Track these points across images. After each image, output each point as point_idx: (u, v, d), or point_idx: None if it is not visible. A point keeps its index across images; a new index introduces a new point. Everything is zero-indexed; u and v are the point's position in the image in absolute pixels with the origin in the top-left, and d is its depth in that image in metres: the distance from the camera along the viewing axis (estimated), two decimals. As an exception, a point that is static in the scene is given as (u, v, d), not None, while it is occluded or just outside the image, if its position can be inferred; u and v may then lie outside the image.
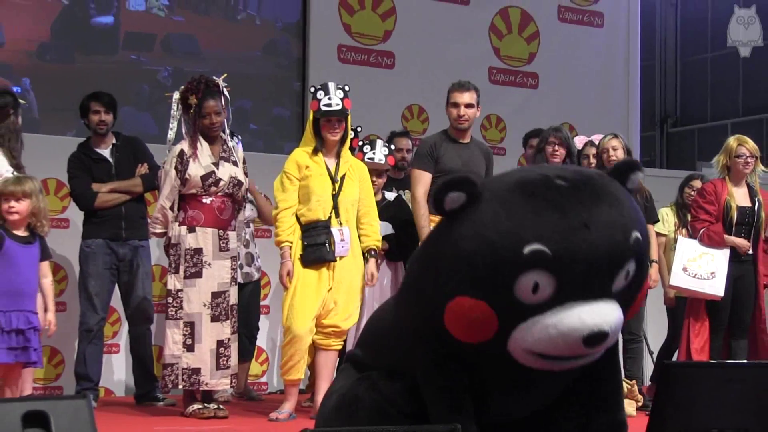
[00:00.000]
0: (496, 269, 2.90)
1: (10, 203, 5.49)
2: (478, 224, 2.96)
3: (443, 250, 3.06)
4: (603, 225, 2.91)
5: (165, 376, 6.24)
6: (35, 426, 2.74)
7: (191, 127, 6.29)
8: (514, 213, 2.93)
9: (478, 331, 2.99)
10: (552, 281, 2.88)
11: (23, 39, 8.58)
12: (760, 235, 7.32)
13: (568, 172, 3.08)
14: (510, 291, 2.90)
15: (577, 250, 2.87)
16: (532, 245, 2.86)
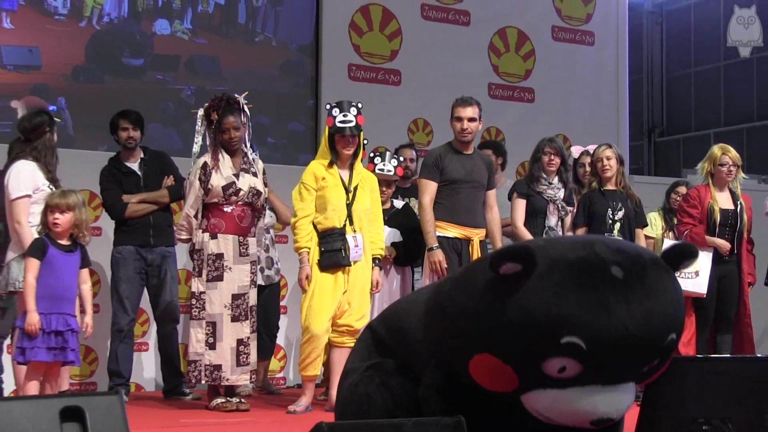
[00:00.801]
0: (531, 347, 2.84)
1: (55, 215, 5.49)
2: (526, 301, 2.84)
3: (487, 309, 2.92)
4: (643, 327, 2.81)
5: (189, 372, 6.26)
6: (72, 420, 2.74)
7: (213, 141, 6.30)
8: (562, 301, 2.81)
9: (498, 385, 2.96)
10: (579, 367, 2.83)
11: (59, 62, 8.59)
12: (743, 237, 7.32)
13: (626, 258, 2.90)
14: (538, 366, 2.85)
15: (611, 348, 2.81)
16: (570, 338, 2.78)
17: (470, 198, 6.64)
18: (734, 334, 7.28)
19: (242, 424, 5.65)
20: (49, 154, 6.06)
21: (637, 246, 3.04)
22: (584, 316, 2.77)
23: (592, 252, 2.87)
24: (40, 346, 5.43)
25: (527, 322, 2.81)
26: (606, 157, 7.11)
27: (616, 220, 7.06)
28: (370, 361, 3.44)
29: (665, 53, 22.04)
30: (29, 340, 5.44)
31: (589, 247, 2.91)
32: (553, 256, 2.89)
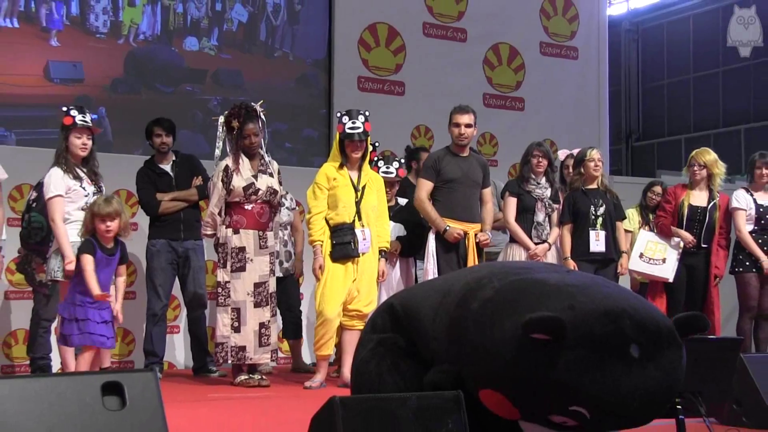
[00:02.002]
0: (542, 405, 2.82)
1: (107, 223, 5.49)
2: (549, 368, 2.75)
3: (510, 360, 2.83)
4: (645, 404, 2.78)
5: (217, 353, 6.27)
6: (112, 394, 2.75)
7: (234, 146, 6.30)
8: (581, 378, 2.73)
9: (501, 412, 2.94)
10: (577, 424, 2.82)
11: (100, 75, 8.60)
12: (713, 232, 7.31)
13: (647, 337, 2.79)
14: (543, 414, 2.85)
15: (612, 418, 2.79)
16: (580, 408, 2.75)
17: (466, 195, 6.65)
18: (702, 318, 7.28)
19: (264, 398, 5.65)
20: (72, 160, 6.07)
21: (659, 319, 2.89)
22: (596, 393, 2.72)
23: (618, 329, 2.77)
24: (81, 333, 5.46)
25: (544, 387, 2.77)
26: (597, 158, 7.18)
27: (598, 216, 7.08)
28: (384, 335, 3.43)
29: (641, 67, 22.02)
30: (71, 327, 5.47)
31: (616, 322, 2.79)
32: (582, 330, 2.77)
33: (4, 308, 7.52)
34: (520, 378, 2.79)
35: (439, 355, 3.18)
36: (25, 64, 8.34)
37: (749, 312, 7.57)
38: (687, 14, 21.16)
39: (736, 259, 7.61)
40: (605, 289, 2.98)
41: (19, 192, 7.46)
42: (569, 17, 10.86)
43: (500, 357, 2.83)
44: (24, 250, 6.82)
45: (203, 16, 9.17)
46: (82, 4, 8.57)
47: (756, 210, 7.53)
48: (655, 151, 21.00)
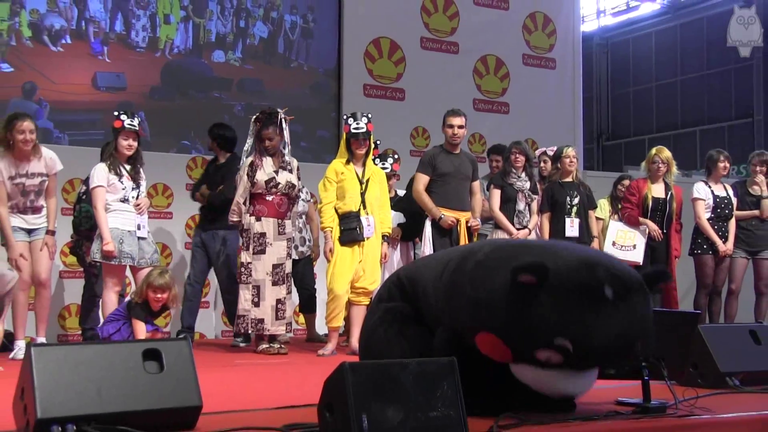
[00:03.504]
0: (530, 340, 2.86)
1: (158, 295, 5.46)
2: (535, 308, 2.82)
3: (502, 306, 2.90)
4: (620, 340, 2.84)
5: (238, 324, 6.25)
6: (152, 360, 2.76)
7: (256, 146, 6.30)
8: (563, 315, 2.80)
9: (495, 355, 2.97)
10: (562, 358, 2.85)
11: (140, 84, 8.60)
12: (672, 219, 7.35)
13: (619, 283, 2.88)
14: (531, 352, 2.88)
15: (591, 352, 2.84)
16: (562, 341, 2.80)
17: (458, 188, 6.65)
18: (662, 295, 7.30)
19: (282, 364, 5.66)
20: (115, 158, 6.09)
21: (629, 270, 3.00)
22: (577, 327, 2.78)
23: (593, 274, 2.85)
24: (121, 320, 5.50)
25: (532, 324, 2.83)
26: (573, 156, 7.22)
27: (573, 205, 7.10)
28: (389, 303, 3.44)
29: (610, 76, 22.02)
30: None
31: (593, 269, 2.88)
32: (562, 275, 2.85)
33: (59, 286, 7.54)
34: (511, 317, 2.85)
35: (440, 316, 3.20)
36: (76, 75, 8.34)
37: (705, 288, 7.61)
38: (650, 30, 21.15)
39: (695, 242, 7.65)
40: (584, 249, 3.23)
41: (71, 185, 7.48)
42: (548, 32, 10.83)
43: (493, 303, 2.90)
44: (76, 236, 6.85)
45: (229, 32, 9.15)
46: (124, 22, 8.57)
47: (713, 200, 7.58)
48: (623, 149, 21.00)
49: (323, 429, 2.54)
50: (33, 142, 5.82)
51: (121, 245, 5.92)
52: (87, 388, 2.58)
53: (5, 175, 5.79)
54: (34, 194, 5.89)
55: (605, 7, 22.03)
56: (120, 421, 2.57)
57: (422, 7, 10.04)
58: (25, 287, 5.89)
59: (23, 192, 5.84)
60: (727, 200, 7.62)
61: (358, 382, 2.49)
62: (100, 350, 2.76)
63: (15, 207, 5.84)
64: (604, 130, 21.98)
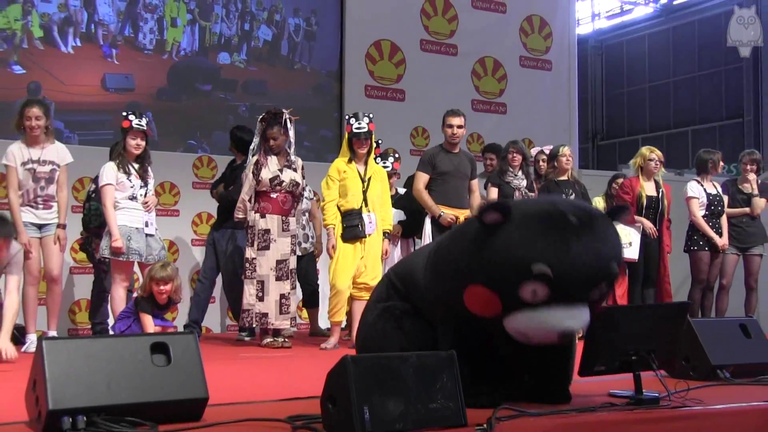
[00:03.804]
0: (511, 276, 2.87)
1: (160, 287, 5.49)
2: (507, 241, 2.89)
3: (476, 250, 2.97)
4: (594, 258, 2.88)
5: (243, 318, 6.26)
6: (159, 353, 2.76)
7: (261, 145, 6.30)
8: (533, 240, 2.87)
9: (486, 310, 2.97)
10: (546, 290, 2.85)
11: (148, 85, 8.60)
12: (664, 216, 7.36)
13: (580, 210, 3.00)
14: (516, 291, 2.87)
15: (570, 273, 2.84)
16: (539, 265, 2.82)
17: (457, 186, 6.66)
18: (656, 289, 7.31)
19: (286, 358, 5.67)
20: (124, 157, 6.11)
21: (588, 205, 3.18)
22: (550, 250, 2.84)
23: (555, 207, 2.97)
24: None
25: (507, 256, 2.88)
26: (569, 154, 7.22)
27: (568, 203, 7.10)
28: (386, 303, 3.46)
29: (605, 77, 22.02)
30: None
31: (553, 203, 3.04)
32: (525, 210, 2.99)
33: (69, 282, 7.56)
34: (486, 258, 2.91)
35: (432, 302, 3.25)
36: (86, 76, 8.33)
37: (700, 284, 7.63)
38: (643, 33, 21.16)
39: (690, 239, 7.66)
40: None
41: (80, 184, 7.49)
42: (544, 35, 10.82)
43: (468, 253, 2.99)
44: (85, 233, 6.85)
45: (234, 35, 9.15)
46: (133, 25, 8.57)
47: (706, 198, 7.60)
48: (617, 148, 21.00)
49: (326, 420, 2.55)
50: (40, 129, 5.89)
51: (129, 242, 5.93)
52: (97, 380, 2.59)
53: (18, 161, 5.86)
54: (45, 181, 5.91)
55: (600, 11, 22.04)
56: (129, 412, 2.57)
57: (422, 11, 10.04)
58: (34, 282, 5.90)
59: (34, 178, 5.88)
60: (719, 198, 7.66)
61: (360, 375, 2.50)
62: (110, 344, 2.77)
63: (26, 197, 5.86)
64: (599, 130, 21.99)
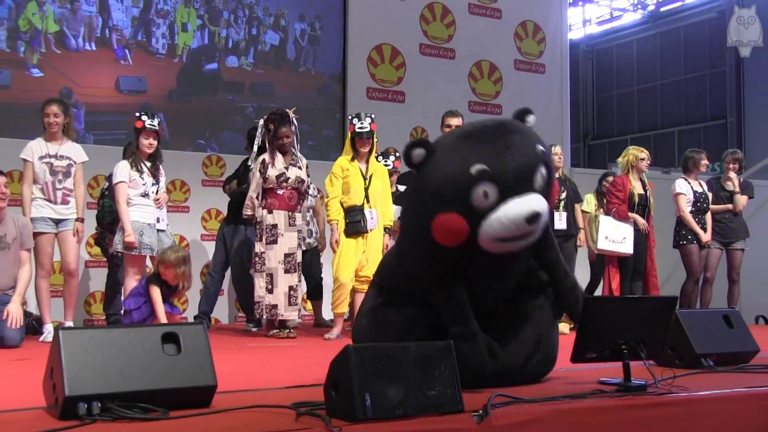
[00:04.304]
0: (457, 189, 2.98)
1: (168, 270, 5.47)
2: (441, 163, 3.03)
3: (422, 190, 3.11)
4: (518, 146, 3.03)
5: (254, 309, 6.27)
6: (170, 342, 2.76)
7: (270, 144, 6.29)
8: (460, 150, 3.03)
9: (457, 234, 3.04)
10: (494, 188, 2.96)
11: (159, 87, 8.61)
12: (650, 212, 7.35)
13: (488, 121, 3.25)
14: (470, 201, 2.97)
15: (506, 164, 2.98)
16: (476, 166, 2.95)
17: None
18: (644, 282, 7.30)
19: (291, 347, 5.67)
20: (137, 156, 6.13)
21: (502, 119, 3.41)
22: (479, 153, 2.99)
23: (466, 126, 3.24)
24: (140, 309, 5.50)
25: (447, 174, 3.01)
26: (558, 153, 7.23)
27: (560, 200, 7.09)
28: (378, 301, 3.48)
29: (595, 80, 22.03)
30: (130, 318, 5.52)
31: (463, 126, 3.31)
32: (443, 138, 3.27)
33: (85, 275, 7.56)
34: (433, 185, 3.03)
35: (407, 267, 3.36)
36: (101, 79, 8.34)
37: (694, 276, 7.62)
38: (632, 38, 21.17)
39: (678, 234, 7.66)
40: None
41: (95, 181, 7.49)
42: (538, 39, 10.81)
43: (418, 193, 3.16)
44: (99, 229, 6.85)
45: (242, 39, 9.14)
46: (145, 30, 8.57)
47: (693, 195, 7.60)
48: (607, 148, 21.01)
49: (329, 407, 2.55)
50: (59, 125, 5.95)
51: (141, 237, 5.93)
52: (111, 368, 2.59)
53: (35, 156, 5.90)
54: (62, 175, 5.94)
55: (590, 17, 22.05)
56: (141, 399, 2.57)
57: (421, 16, 10.03)
58: (46, 275, 5.95)
59: (51, 171, 5.91)
60: (704, 195, 7.66)
61: (362, 364, 2.50)
62: (123, 333, 2.76)
63: (45, 190, 5.87)
64: (590, 131, 22.00)
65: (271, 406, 2.64)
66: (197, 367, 2.75)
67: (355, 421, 2.41)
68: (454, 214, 2.99)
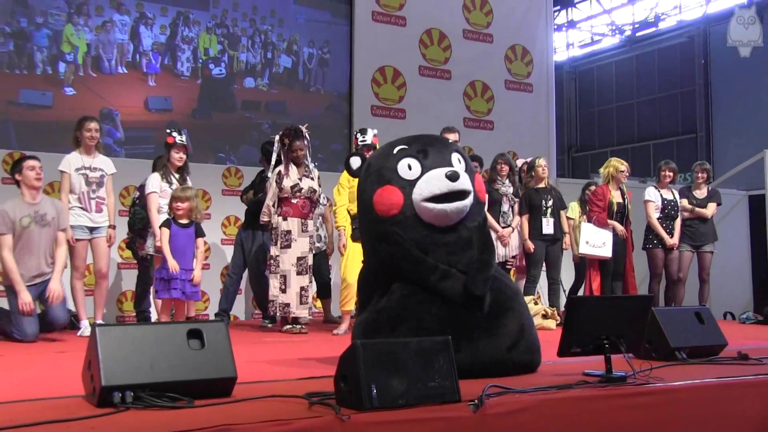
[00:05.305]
0: (384, 167, 3.35)
1: (177, 204, 5.55)
2: (372, 159, 3.52)
3: (363, 180, 3.47)
4: (432, 138, 3.53)
5: (269, 308, 6.27)
6: (195, 338, 2.76)
7: (285, 157, 6.30)
8: (386, 145, 3.49)
9: (394, 198, 3.29)
10: (417, 162, 3.32)
11: (183, 106, 8.62)
12: (629, 219, 7.35)
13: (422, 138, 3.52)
14: (397, 173, 3.31)
15: (424, 146, 3.38)
16: (398, 146, 3.39)
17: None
18: (623, 282, 7.29)
19: (303, 342, 5.67)
20: (167, 169, 6.19)
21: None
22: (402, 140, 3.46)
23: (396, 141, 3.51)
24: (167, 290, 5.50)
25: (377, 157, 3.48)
26: (544, 165, 7.20)
27: (547, 207, 7.09)
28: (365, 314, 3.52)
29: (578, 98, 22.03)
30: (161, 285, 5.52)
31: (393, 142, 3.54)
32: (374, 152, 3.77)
33: (117, 276, 7.58)
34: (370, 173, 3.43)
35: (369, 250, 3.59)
36: (131, 99, 8.35)
37: (657, 277, 7.62)
38: (611, 60, 21.20)
39: (646, 239, 7.67)
40: None
41: (126, 191, 7.52)
42: (526, 62, 10.82)
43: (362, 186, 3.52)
44: (131, 234, 6.87)
45: (258, 63, 9.16)
46: (171, 55, 8.59)
47: (662, 202, 7.59)
48: (589, 159, 21.01)
49: (339, 396, 2.55)
50: (97, 140, 6.04)
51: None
52: (141, 361, 2.59)
53: (72, 168, 5.94)
54: (96, 185, 5.99)
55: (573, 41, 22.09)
56: (168, 389, 2.58)
57: (420, 41, 10.05)
58: (80, 276, 6.01)
59: (87, 182, 5.96)
60: (674, 203, 7.65)
61: (368, 357, 2.50)
62: (152, 330, 2.77)
63: (82, 199, 5.90)
64: (574, 144, 22.00)
65: (286, 396, 2.64)
66: (219, 360, 2.75)
67: (362, 410, 2.42)
68: (387, 185, 3.29)
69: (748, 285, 10.10)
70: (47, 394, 2.84)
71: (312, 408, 2.47)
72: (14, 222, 5.43)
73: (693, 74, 18.96)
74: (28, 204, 5.51)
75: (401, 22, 9.93)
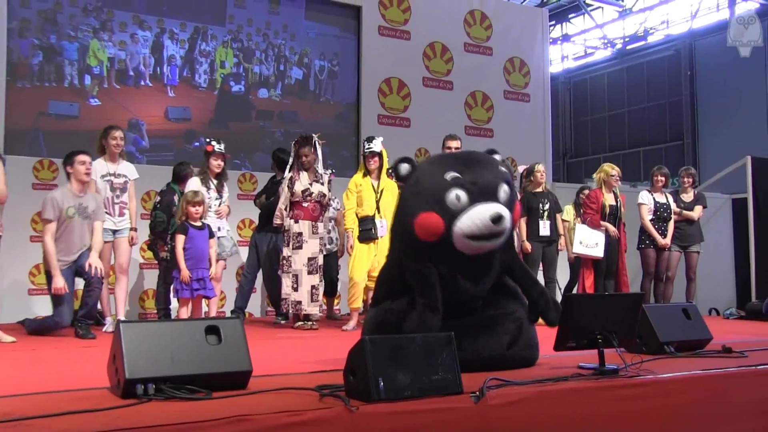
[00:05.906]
0: (435, 191, 3.12)
1: (196, 208, 5.55)
2: (423, 173, 3.23)
3: (409, 194, 3.25)
4: (484, 165, 3.24)
5: (281, 306, 6.27)
6: (212, 334, 2.77)
7: (295, 163, 6.31)
8: (438, 165, 3.23)
9: (434, 230, 3.12)
10: (464, 192, 3.10)
11: (201, 116, 8.63)
12: (621, 221, 7.33)
13: (461, 152, 3.49)
14: (444, 201, 3.10)
15: (474, 176, 3.14)
16: (450, 173, 3.12)
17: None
18: (616, 281, 7.28)
19: (313, 338, 5.67)
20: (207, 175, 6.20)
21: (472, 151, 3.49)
22: (453, 166, 3.18)
23: (443, 153, 3.44)
24: (186, 289, 5.50)
25: (427, 180, 3.19)
26: (542, 170, 7.19)
27: (544, 210, 7.07)
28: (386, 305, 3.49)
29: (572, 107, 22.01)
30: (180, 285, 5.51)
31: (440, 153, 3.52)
32: (424, 159, 3.59)
33: (140, 276, 7.58)
34: (414, 191, 3.21)
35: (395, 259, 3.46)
36: (152, 109, 8.37)
37: (649, 276, 7.60)
38: (603, 72, 21.19)
39: (640, 239, 7.66)
40: None
41: (147, 196, 7.52)
42: (523, 73, 10.81)
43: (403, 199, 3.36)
44: (152, 236, 6.87)
45: (271, 75, 9.17)
46: (190, 68, 8.61)
47: (654, 205, 7.58)
48: (583, 165, 20.98)
49: (348, 389, 2.55)
50: (121, 148, 6.04)
51: None
52: (162, 355, 2.60)
53: (98, 174, 5.95)
54: (120, 191, 6.00)
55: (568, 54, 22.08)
56: (188, 381, 2.59)
57: (424, 54, 10.05)
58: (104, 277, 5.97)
59: (111, 188, 5.97)
60: (666, 205, 7.63)
61: (376, 352, 2.51)
62: (172, 326, 2.78)
63: (105, 204, 5.92)
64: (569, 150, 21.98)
65: (298, 388, 2.65)
66: (235, 354, 2.76)
67: (370, 401, 2.42)
68: (432, 213, 3.08)
69: (731, 283, 10.08)
70: (75, 386, 2.86)
71: (323, 400, 2.47)
72: (61, 210, 5.49)
73: (680, 85, 18.95)
74: (74, 195, 5.57)
75: (406, 36, 9.94)
